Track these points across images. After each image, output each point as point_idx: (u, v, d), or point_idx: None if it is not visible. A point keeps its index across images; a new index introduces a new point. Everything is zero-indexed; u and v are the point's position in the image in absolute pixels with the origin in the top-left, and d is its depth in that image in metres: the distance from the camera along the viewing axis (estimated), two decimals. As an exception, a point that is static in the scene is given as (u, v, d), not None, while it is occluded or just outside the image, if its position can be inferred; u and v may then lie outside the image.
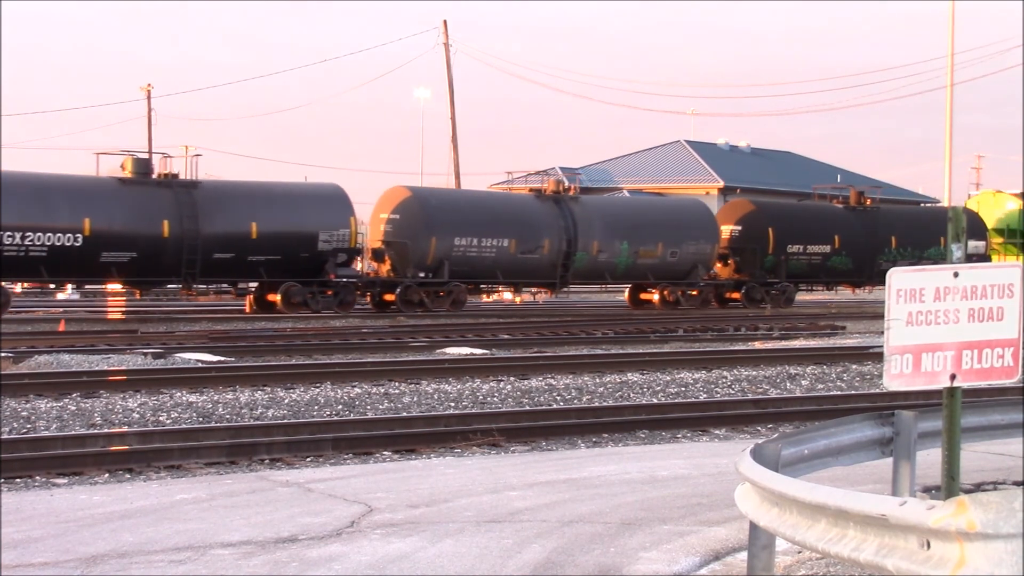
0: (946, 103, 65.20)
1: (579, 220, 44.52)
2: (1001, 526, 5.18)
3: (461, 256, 41.96)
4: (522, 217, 43.77)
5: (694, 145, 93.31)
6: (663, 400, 19.55)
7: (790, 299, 48.86)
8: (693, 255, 46.48)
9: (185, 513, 10.14)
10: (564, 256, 44.01)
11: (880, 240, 51.11)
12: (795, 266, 49.04)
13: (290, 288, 39.27)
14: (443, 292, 41.60)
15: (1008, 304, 7.22)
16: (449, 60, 66.77)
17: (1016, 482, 11.59)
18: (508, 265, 42.88)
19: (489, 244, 42.55)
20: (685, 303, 46.08)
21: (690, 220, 47.07)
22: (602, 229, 44.91)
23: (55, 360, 23.39)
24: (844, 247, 50.10)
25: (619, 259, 45.18)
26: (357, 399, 18.83)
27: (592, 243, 44.48)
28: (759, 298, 47.55)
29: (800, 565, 8.72)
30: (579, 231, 44.37)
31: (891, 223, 51.84)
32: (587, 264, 44.58)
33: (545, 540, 9.19)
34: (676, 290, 46.21)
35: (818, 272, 50.46)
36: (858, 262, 50.55)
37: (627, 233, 45.32)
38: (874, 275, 51.10)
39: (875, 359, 24.71)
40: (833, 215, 51.78)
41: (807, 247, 49.31)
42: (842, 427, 8.84)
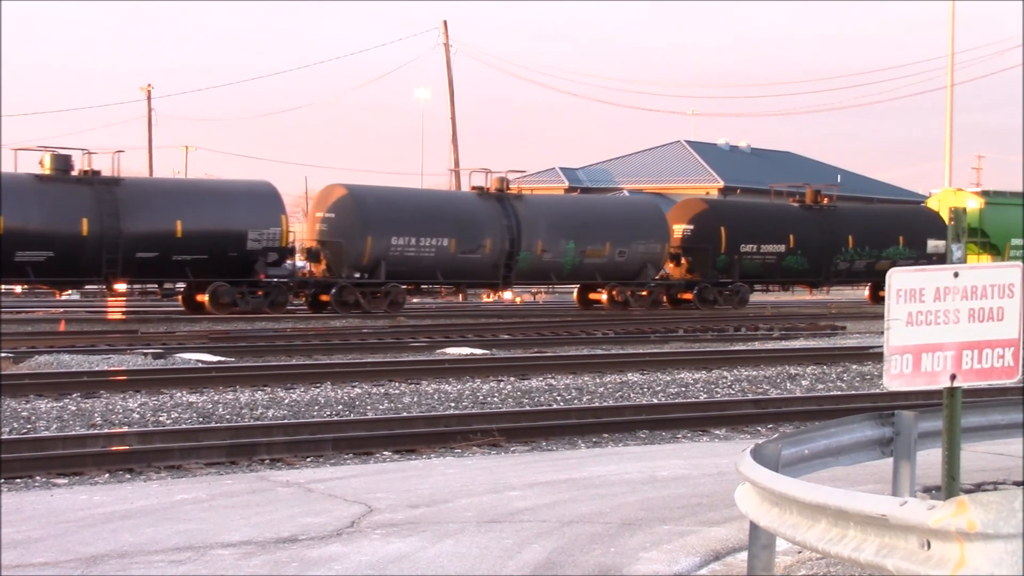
0: (946, 103, 65.28)
1: (523, 219, 43.38)
2: (1001, 526, 5.18)
3: (399, 256, 40.92)
4: (463, 216, 42.64)
5: (694, 145, 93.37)
6: (663, 400, 19.54)
7: (744, 300, 47.73)
8: (643, 255, 45.33)
9: (185, 513, 10.14)
10: (507, 256, 42.88)
11: (837, 240, 49.99)
12: (749, 266, 47.95)
13: (218, 288, 38.26)
14: (380, 293, 40.57)
15: (1008, 304, 7.22)
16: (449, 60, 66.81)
17: (1016, 482, 11.59)
18: (448, 265, 41.81)
19: (428, 244, 41.49)
20: (635, 304, 44.95)
21: (639, 219, 45.98)
22: (547, 228, 43.80)
23: (55, 360, 23.39)
24: (799, 247, 49.02)
25: (565, 259, 44.05)
26: (357, 399, 18.83)
27: (536, 243, 43.37)
28: (712, 299, 46.58)
29: (800, 565, 8.72)
30: (523, 230, 43.23)
31: (848, 222, 50.75)
32: (531, 264, 43.50)
33: (545, 540, 9.19)
34: (625, 290, 45.10)
35: (773, 272, 49.35)
36: (814, 262, 49.53)
37: (573, 232, 44.16)
38: (830, 275, 50.47)
39: (875, 359, 24.70)
40: (788, 214, 50.81)
41: (761, 246, 48.13)
42: (842, 427, 8.84)
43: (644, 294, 45.50)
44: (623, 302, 44.88)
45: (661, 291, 46.24)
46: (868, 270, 51.09)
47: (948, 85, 64.87)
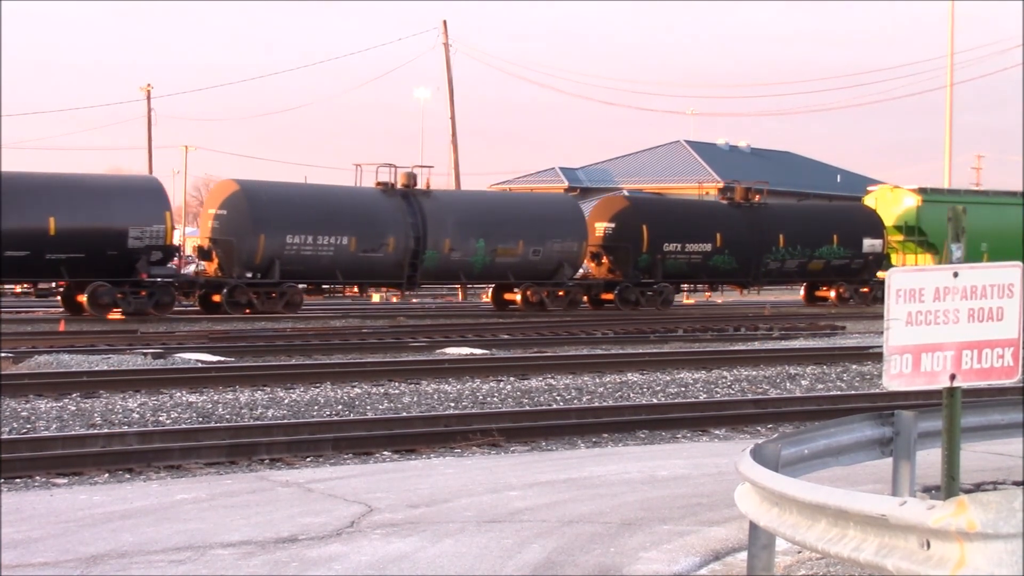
0: (946, 103, 65.26)
1: (429, 216, 41.71)
2: (1001, 526, 5.18)
3: (294, 255, 39.36)
4: (364, 213, 41.00)
5: (694, 145, 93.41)
6: (663, 400, 19.55)
7: (668, 301, 46.11)
8: (558, 253, 43.69)
9: (185, 513, 10.14)
10: (412, 255, 41.30)
11: (767, 238, 48.23)
12: (673, 266, 46.32)
13: (98, 288, 36.43)
14: (275, 293, 39.11)
15: (1008, 304, 7.23)
16: (449, 60, 66.76)
17: (1016, 482, 11.59)
18: (348, 264, 40.28)
19: (326, 242, 39.87)
20: (551, 304, 43.31)
21: (555, 217, 44.37)
22: (455, 226, 42.11)
23: (55, 360, 23.39)
24: (727, 246, 47.19)
25: (475, 258, 42.41)
26: (357, 399, 18.84)
27: (444, 241, 41.78)
28: (634, 299, 44.99)
29: (800, 565, 8.73)
30: (429, 228, 41.56)
31: (779, 221, 49.11)
32: (439, 263, 41.93)
33: (545, 540, 9.19)
34: (540, 290, 43.41)
35: (699, 272, 47.70)
36: (743, 262, 47.74)
37: (483, 230, 42.46)
38: (760, 275, 48.76)
39: (875, 359, 24.71)
40: (714, 212, 49.34)
41: (685, 246, 46.41)
42: (842, 427, 8.84)
43: (561, 294, 43.91)
44: (538, 303, 43.30)
45: (579, 291, 44.74)
46: (800, 270, 49.63)
47: (948, 85, 64.89)
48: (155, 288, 37.38)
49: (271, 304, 38.98)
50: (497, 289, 44.75)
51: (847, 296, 49.78)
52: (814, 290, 51.14)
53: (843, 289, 49.90)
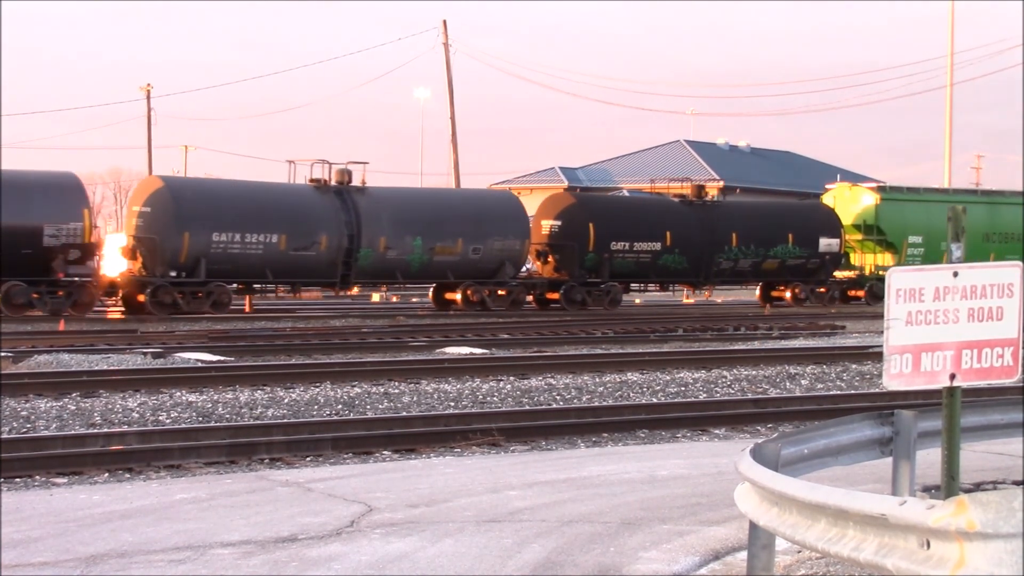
0: (946, 103, 65.28)
1: (364, 214, 40.76)
2: (1001, 526, 5.18)
3: (221, 253, 38.34)
4: (295, 211, 40.06)
5: (694, 145, 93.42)
6: (663, 400, 19.54)
7: (615, 301, 44.98)
8: (500, 252, 42.67)
9: (185, 513, 10.14)
10: (346, 253, 40.36)
11: (719, 237, 47.17)
12: (621, 265, 45.27)
13: (11, 288, 35.22)
14: (202, 293, 38.17)
15: (1008, 304, 7.23)
16: (449, 60, 66.81)
17: (1016, 482, 11.59)
18: (279, 263, 39.30)
19: (254, 240, 38.84)
20: (492, 304, 42.32)
21: (496, 214, 43.23)
22: (391, 224, 41.18)
23: (55, 360, 23.39)
24: (677, 244, 46.17)
25: (412, 256, 41.50)
26: (357, 399, 18.84)
27: (379, 239, 40.86)
28: (580, 299, 44.04)
29: (800, 565, 8.72)
30: (363, 226, 40.62)
31: (732, 219, 48.01)
32: (374, 262, 41.00)
33: (545, 540, 9.19)
34: (481, 290, 42.36)
35: (648, 272, 46.55)
36: (694, 261, 46.75)
37: (421, 228, 41.54)
38: (712, 275, 47.84)
39: (875, 359, 24.70)
40: (664, 209, 47.98)
41: (633, 244, 45.38)
42: (842, 427, 8.84)
43: (503, 294, 42.98)
44: (479, 302, 42.32)
45: (522, 291, 43.72)
46: (754, 270, 48.62)
47: (948, 85, 64.90)
48: (73, 288, 36.25)
49: (197, 304, 38.00)
50: (438, 289, 43.79)
51: (803, 297, 48.76)
52: (770, 290, 50.13)
53: (799, 289, 48.85)
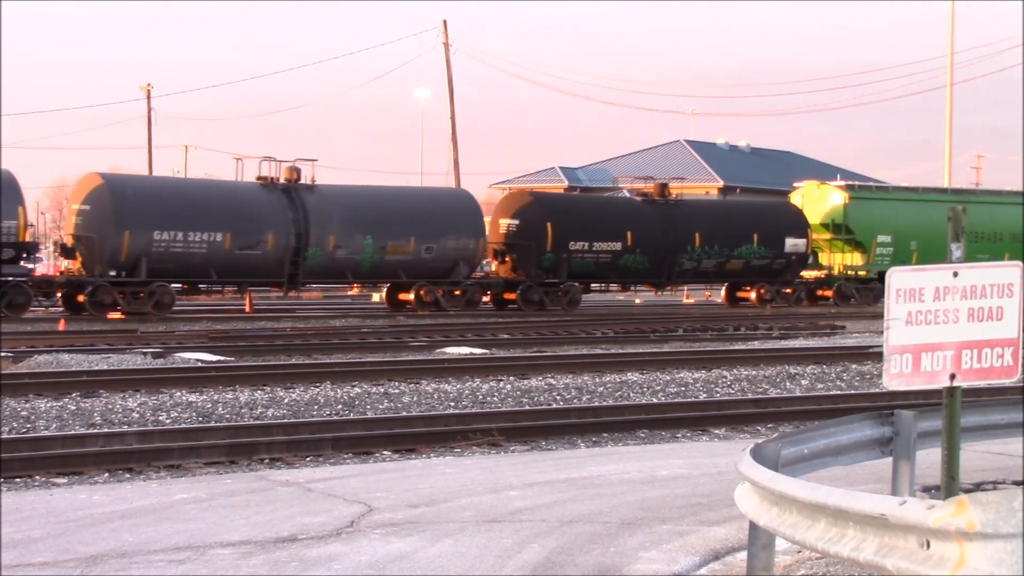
0: (946, 103, 65.27)
1: (312, 212, 39.91)
2: (1001, 526, 5.18)
3: (163, 252, 37.39)
4: (240, 209, 39.06)
5: (694, 145, 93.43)
6: (663, 400, 19.54)
7: (573, 301, 44.01)
8: (454, 251, 41.75)
9: (185, 513, 10.14)
10: (293, 252, 39.44)
11: (681, 237, 46.15)
12: (580, 265, 44.34)
13: None
14: (143, 293, 37.25)
15: (1008, 304, 7.22)
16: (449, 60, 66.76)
17: (1016, 482, 11.59)
18: (224, 262, 38.31)
19: (198, 239, 37.89)
20: (447, 304, 41.41)
21: (449, 212, 42.32)
22: (340, 222, 40.26)
23: (55, 360, 23.38)
24: (638, 244, 45.17)
25: (362, 256, 40.59)
26: (357, 399, 18.83)
27: (328, 238, 39.98)
28: (537, 300, 43.06)
29: (800, 565, 8.72)
30: (311, 224, 39.76)
31: (694, 219, 47.03)
32: (323, 261, 40.08)
33: (545, 540, 9.19)
34: (435, 290, 41.50)
35: (608, 272, 45.50)
36: (655, 261, 45.74)
37: (371, 227, 40.59)
38: (674, 275, 46.83)
39: (875, 359, 24.70)
40: (625, 209, 47.05)
41: (593, 244, 44.42)
42: (842, 427, 8.84)
43: (457, 294, 42.04)
44: (433, 302, 41.45)
45: (477, 291, 42.70)
46: (718, 270, 47.74)
47: (948, 85, 64.90)
48: (7, 288, 35.45)
49: (139, 304, 37.14)
50: (391, 289, 42.94)
51: (768, 297, 47.80)
52: (736, 291, 49.33)
53: (764, 290, 47.96)
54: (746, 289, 48.85)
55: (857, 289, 49.83)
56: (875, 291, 49.56)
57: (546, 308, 42.87)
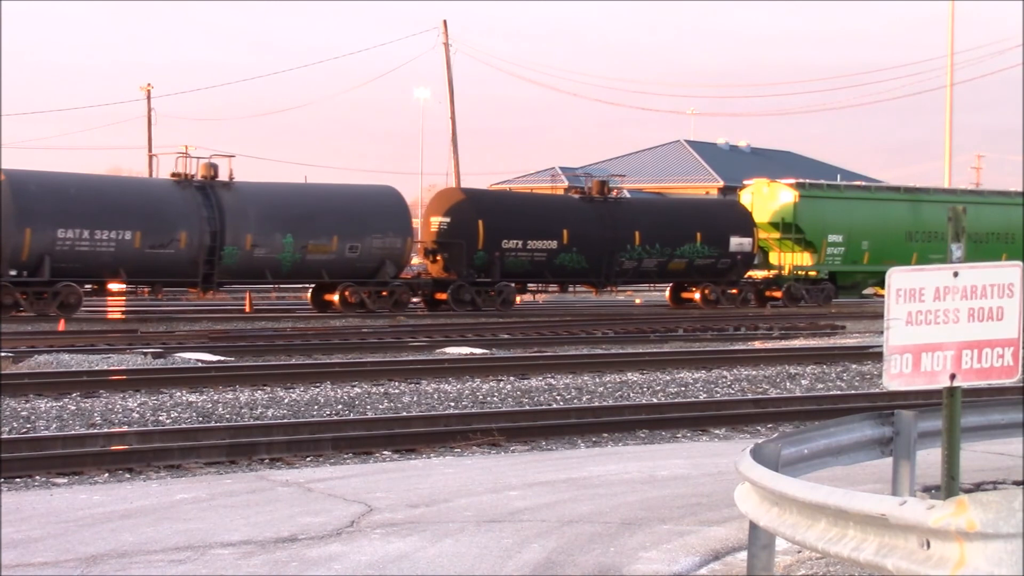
0: (946, 103, 65.28)
1: (228, 210, 38.53)
2: (1001, 526, 5.18)
3: (68, 251, 35.98)
4: (151, 206, 37.75)
5: (694, 145, 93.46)
6: (663, 400, 19.54)
7: (507, 301, 42.73)
8: (380, 250, 40.58)
9: (185, 513, 10.14)
10: (208, 252, 38.11)
11: (621, 236, 44.89)
12: (514, 264, 43.04)
13: None
14: (47, 293, 35.76)
15: (1008, 304, 7.22)
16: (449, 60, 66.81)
17: (1016, 482, 11.59)
18: (134, 261, 37.05)
19: (106, 237, 36.51)
20: (374, 305, 40.33)
21: (375, 210, 41.07)
22: (258, 220, 38.98)
23: (55, 360, 23.38)
24: (575, 243, 43.96)
25: (283, 255, 39.26)
26: (357, 399, 18.84)
27: (245, 236, 38.67)
28: (469, 299, 41.92)
29: (800, 565, 8.72)
30: (228, 222, 38.42)
31: (634, 217, 45.73)
32: (240, 260, 38.75)
33: (545, 540, 9.19)
34: (361, 290, 40.36)
35: (543, 271, 44.15)
36: (594, 260, 44.50)
37: (292, 225, 39.31)
38: (613, 275, 45.59)
39: (875, 359, 24.71)
40: (561, 207, 45.67)
41: (527, 243, 43.20)
42: (842, 427, 8.84)
43: (384, 294, 40.91)
44: (358, 303, 40.28)
45: (405, 291, 41.47)
46: (660, 270, 46.60)
47: (948, 85, 64.90)
48: None
49: (42, 306, 35.82)
50: (316, 289, 41.54)
51: (713, 298, 46.61)
52: (681, 291, 48.11)
53: (709, 291, 46.73)
54: (691, 289, 47.63)
55: (807, 290, 48.67)
56: (826, 291, 48.87)
57: (479, 308, 41.76)
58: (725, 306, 46.39)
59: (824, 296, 48.74)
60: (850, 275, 50.34)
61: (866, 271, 50.21)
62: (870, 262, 49.71)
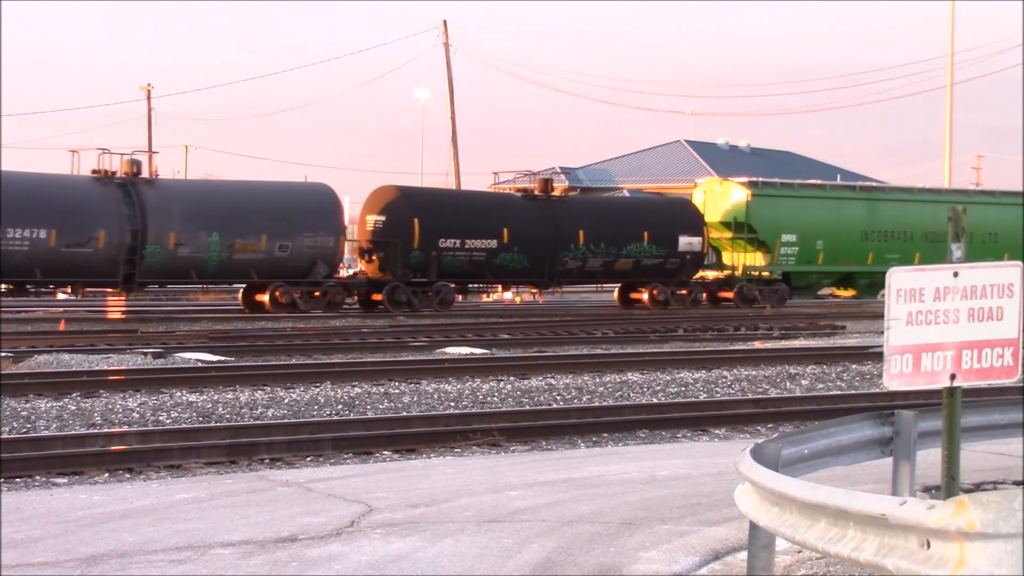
0: (946, 103, 65.29)
1: (150, 208, 37.51)
2: (1001, 526, 5.18)
3: None
4: (67, 203, 36.66)
5: (694, 145, 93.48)
6: (663, 400, 19.55)
7: (445, 302, 41.75)
8: (311, 250, 39.56)
9: (185, 513, 10.14)
10: (129, 251, 37.12)
11: (564, 235, 43.77)
12: (451, 264, 42.08)
13: None
14: None
15: (1008, 304, 7.23)
16: (449, 60, 66.82)
17: (1016, 482, 11.59)
18: (49, 260, 35.89)
19: (18, 236, 35.55)
20: (304, 306, 39.29)
21: (306, 208, 40.07)
22: (183, 218, 37.96)
23: (55, 360, 23.38)
24: (516, 242, 42.88)
25: (208, 254, 38.28)
26: (357, 399, 18.84)
27: (168, 235, 37.65)
28: (405, 300, 40.77)
29: (800, 565, 8.73)
30: (150, 220, 37.40)
31: (578, 216, 44.53)
32: (163, 259, 37.79)
33: (545, 540, 9.19)
34: (292, 291, 39.28)
35: (483, 271, 42.92)
36: (536, 260, 43.39)
37: (218, 224, 38.29)
38: (556, 275, 44.36)
39: (875, 359, 24.71)
40: (501, 205, 44.55)
41: (465, 242, 42.13)
42: (842, 427, 8.85)
43: (317, 295, 39.89)
44: (289, 304, 39.24)
45: (339, 291, 40.40)
46: (606, 270, 45.39)
47: (948, 85, 64.91)
48: None
49: None
50: (247, 290, 40.42)
51: (661, 299, 45.50)
52: (630, 291, 46.83)
53: (657, 291, 45.55)
54: (639, 290, 46.43)
55: (760, 291, 47.52)
56: (780, 292, 47.82)
57: (417, 310, 40.70)
58: (674, 307, 45.35)
59: (778, 297, 47.52)
60: (805, 275, 49.15)
61: (821, 271, 49.24)
62: (825, 262, 48.80)
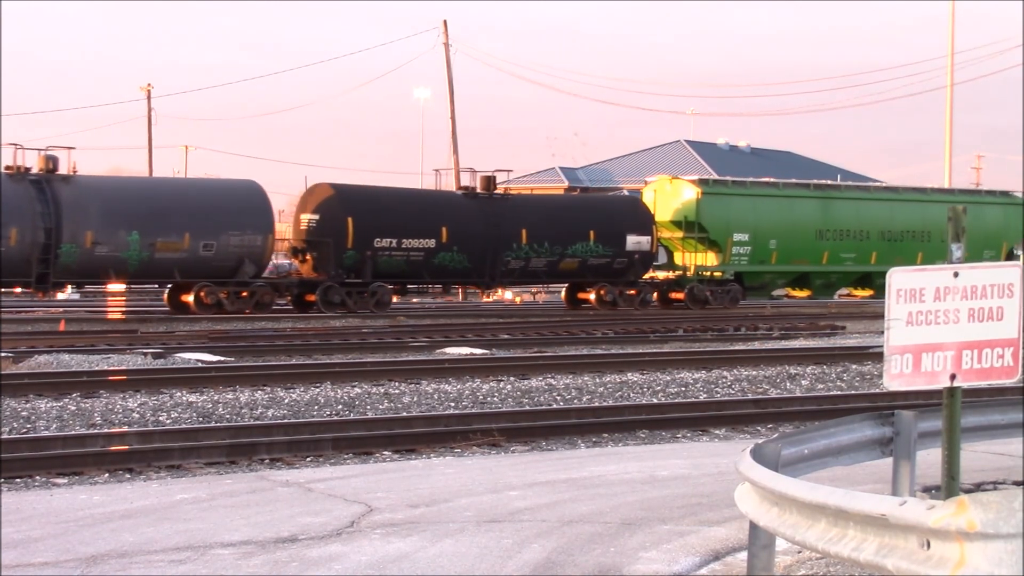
0: (946, 103, 65.28)
1: (66, 205, 36.49)
2: (1001, 526, 5.18)
3: None
4: None
5: (694, 145, 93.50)
6: (663, 400, 19.55)
7: (381, 303, 40.82)
8: (238, 249, 38.50)
9: (185, 513, 10.14)
10: (43, 249, 36.09)
11: (506, 234, 42.74)
12: (387, 264, 41.13)
13: None
14: None
15: (1008, 304, 7.23)
16: (449, 60, 66.75)
17: (1016, 482, 11.59)
18: None
19: None
20: (231, 307, 38.38)
21: (232, 206, 39.01)
22: (101, 216, 36.90)
23: (55, 360, 23.39)
24: (455, 242, 41.93)
25: (128, 253, 37.25)
26: (357, 399, 18.84)
27: (85, 233, 36.60)
28: (339, 301, 39.81)
29: (800, 565, 8.73)
30: (65, 218, 36.40)
31: (521, 214, 43.42)
32: (79, 259, 36.73)
33: (545, 540, 9.19)
34: (218, 291, 38.35)
35: (421, 271, 42.08)
36: (477, 260, 42.40)
37: (138, 222, 37.23)
38: (499, 275, 43.49)
39: (875, 359, 24.71)
40: (440, 203, 43.73)
41: (402, 241, 41.25)
42: (842, 427, 8.85)
43: (244, 295, 38.93)
44: (214, 304, 38.41)
45: (268, 292, 39.49)
46: (551, 270, 44.40)
47: (948, 85, 64.89)
48: None
49: None
50: (173, 290, 39.42)
51: (609, 299, 44.55)
52: (577, 291, 45.97)
53: (605, 291, 44.56)
54: (587, 290, 45.53)
55: (712, 291, 46.45)
56: (732, 293, 46.94)
57: (352, 311, 39.72)
58: (623, 307, 44.48)
59: (730, 298, 46.65)
60: (758, 275, 48.21)
61: (775, 271, 48.41)
62: (779, 262, 47.99)
